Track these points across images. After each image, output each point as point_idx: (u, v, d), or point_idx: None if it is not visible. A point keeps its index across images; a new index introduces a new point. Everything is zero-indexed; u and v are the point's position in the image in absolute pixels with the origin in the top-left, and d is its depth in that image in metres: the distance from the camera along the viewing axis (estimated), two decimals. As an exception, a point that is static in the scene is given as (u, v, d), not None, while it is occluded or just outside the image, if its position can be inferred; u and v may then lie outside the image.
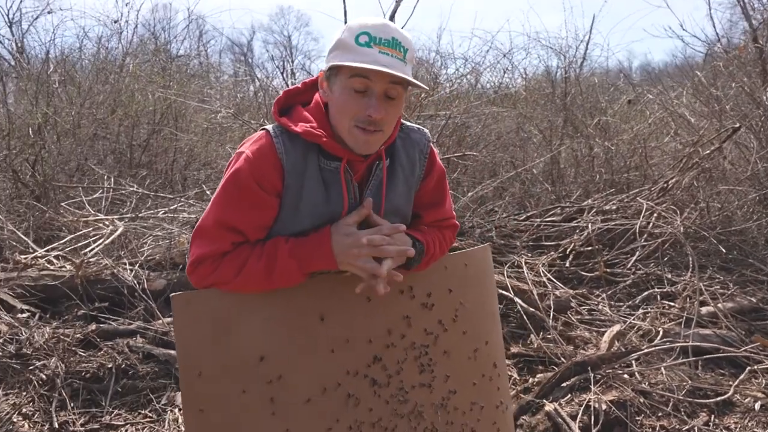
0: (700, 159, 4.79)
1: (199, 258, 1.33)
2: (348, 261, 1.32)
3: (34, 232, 4.70)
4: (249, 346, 1.34)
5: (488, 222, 4.74)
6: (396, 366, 1.47)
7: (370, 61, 1.22)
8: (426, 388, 1.51)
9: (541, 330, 3.49)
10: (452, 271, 1.58)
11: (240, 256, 1.33)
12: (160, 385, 2.96)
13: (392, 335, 1.47)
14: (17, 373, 2.85)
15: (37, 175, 5.80)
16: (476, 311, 1.61)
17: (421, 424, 1.50)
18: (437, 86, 5.94)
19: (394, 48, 1.25)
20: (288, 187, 1.33)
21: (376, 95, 1.26)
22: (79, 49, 8.47)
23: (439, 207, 1.55)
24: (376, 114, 1.26)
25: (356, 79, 1.25)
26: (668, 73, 9.42)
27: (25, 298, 3.44)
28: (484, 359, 1.62)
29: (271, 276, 1.31)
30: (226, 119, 5.89)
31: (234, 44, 18.47)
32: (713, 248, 4.39)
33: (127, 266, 3.70)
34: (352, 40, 1.24)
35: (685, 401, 2.90)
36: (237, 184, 1.31)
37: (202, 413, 1.32)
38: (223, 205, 1.33)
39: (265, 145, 1.32)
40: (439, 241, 1.51)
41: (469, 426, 1.57)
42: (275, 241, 1.34)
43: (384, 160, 1.39)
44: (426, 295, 1.52)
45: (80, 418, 2.71)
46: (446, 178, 1.56)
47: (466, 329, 1.58)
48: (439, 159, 1.54)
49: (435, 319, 1.53)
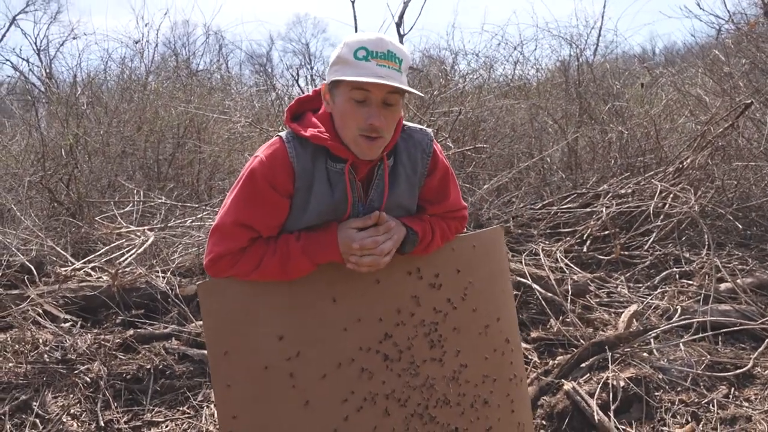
0: (714, 137, 4.78)
1: (219, 255, 1.46)
2: (347, 259, 1.47)
3: (71, 246, 4.93)
4: (268, 326, 1.48)
5: (505, 212, 4.82)
6: (407, 342, 1.58)
7: (368, 74, 1.34)
8: (437, 362, 1.61)
9: (561, 314, 3.55)
10: (460, 252, 1.68)
11: (257, 253, 1.46)
12: (195, 384, 3.12)
13: (402, 314, 1.58)
14: (64, 377, 3.04)
15: (71, 194, 6.07)
16: (486, 289, 1.70)
17: (433, 395, 1.60)
18: (449, 83, 6.02)
19: (390, 60, 1.37)
20: (298, 189, 1.45)
21: (375, 104, 1.38)
22: (104, 70, 8.81)
23: (444, 201, 1.66)
24: (377, 122, 1.38)
25: (356, 92, 1.37)
26: (693, 53, 9.27)
27: (67, 307, 3.63)
28: (495, 335, 1.71)
29: (286, 269, 1.47)
30: (245, 128, 6.07)
31: (251, 56, 18.77)
32: (731, 225, 4.39)
33: (160, 274, 3.89)
34: (351, 55, 1.36)
35: (705, 375, 2.93)
36: (252, 186, 1.44)
37: (229, 388, 1.45)
38: (240, 205, 1.45)
39: (278, 150, 1.44)
40: (441, 230, 1.63)
41: (482, 397, 1.67)
42: (287, 239, 1.48)
43: (386, 162, 1.51)
44: (434, 276, 1.63)
45: (123, 416, 2.88)
46: (451, 175, 1.68)
47: (476, 306, 1.68)
48: (443, 157, 1.65)
49: (444, 297, 1.64)
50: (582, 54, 7.01)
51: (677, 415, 2.68)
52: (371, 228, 1.48)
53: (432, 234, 1.60)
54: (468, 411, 1.64)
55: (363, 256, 1.46)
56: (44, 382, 3.00)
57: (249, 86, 9.42)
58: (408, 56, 1.44)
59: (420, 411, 1.58)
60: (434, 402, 1.60)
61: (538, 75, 7.63)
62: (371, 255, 1.46)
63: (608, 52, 7.78)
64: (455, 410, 1.62)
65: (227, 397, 1.45)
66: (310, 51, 26.49)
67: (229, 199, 1.49)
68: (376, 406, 1.54)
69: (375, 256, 1.47)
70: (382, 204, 1.52)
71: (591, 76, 6.65)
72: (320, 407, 1.50)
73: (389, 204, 1.53)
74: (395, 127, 1.48)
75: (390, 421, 1.55)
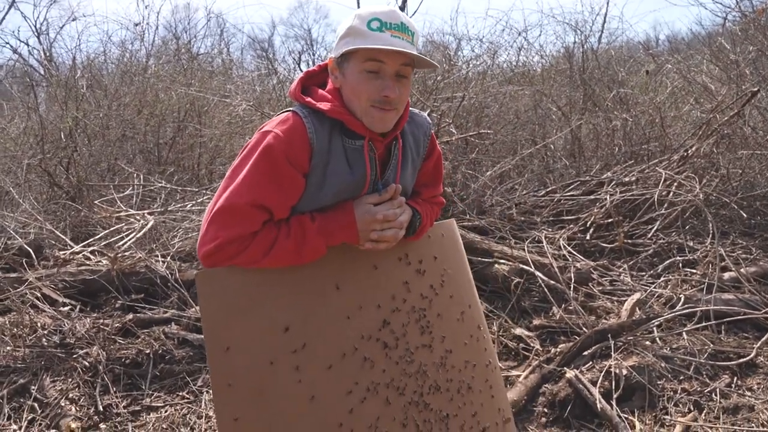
0: (719, 125, 4.73)
1: (228, 240, 1.32)
2: (367, 236, 1.43)
3: (71, 230, 4.91)
4: (273, 318, 1.39)
5: (508, 199, 4.78)
6: (402, 329, 1.55)
7: (384, 43, 1.30)
8: (427, 348, 1.59)
9: (563, 302, 3.53)
10: (434, 239, 1.68)
11: (268, 237, 1.36)
12: (195, 369, 3.11)
13: (396, 300, 1.55)
14: (62, 362, 3.02)
15: (71, 177, 6.03)
16: (457, 277, 1.71)
17: (426, 382, 1.58)
18: (452, 68, 5.96)
19: (404, 32, 1.33)
20: (314, 167, 1.37)
21: (389, 76, 1.34)
22: (104, 53, 8.72)
23: (436, 186, 1.67)
24: (392, 93, 1.33)
25: (370, 62, 1.33)
26: (699, 41, 9.16)
27: (66, 291, 3.62)
28: (469, 321, 1.71)
29: (301, 253, 1.38)
30: (246, 113, 6.02)
31: (254, 40, 18.64)
32: (735, 214, 4.36)
33: (159, 258, 3.86)
34: (364, 26, 1.31)
35: (707, 364, 2.92)
36: (270, 162, 1.33)
37: (230, 387, 1.34)
38: (255, 183, 1.33)
39: (297, 125, 1.35)
40: (430, 214, 1.63)
41: (466, 383, 1.65)
42: (300, 219, 1.39)
43: (400, 140, 1.48)
44: (418, 262, 1.62)
45: (122, 401, 2.87)
46: (442, 160, 1.69)
47: (452, 293, 1.68)
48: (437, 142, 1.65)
49: (427, 284, 1.63)
50: (587, 40, 6.94)
51: (679, 404, 2.67)
52: (387, 202, 1.44)
53: (427, 217, 1.59)
54: (456, 397, 1.63)
55: (384, 231, 1.43)
56: (42, 366, 2.99)
57: (250, 71, 9.35)
58: (419, 32, 1.40)
59: (416, 399, 1.56)
60: (427, 389, 1.58)
61: (543, 61, 7.57)
62: (392, 228, 1.44)
63: (613, 39, 7.70)
64: (445, 396, 1.61)
65: (228, 397, 1.34)
66: (312, 36, 26.35)
67: (233, 178, 1.36)
68: (378, 395, 1.51)
69: (395, 229, 1.44)
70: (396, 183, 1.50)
71: (596, 63, 6.59)
72: (326, 401, 1.43)
73: (401, 183, 1.52)
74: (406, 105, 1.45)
75: (390, 410, 1.52)
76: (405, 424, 1.54)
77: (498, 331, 3.34)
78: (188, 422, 2.74)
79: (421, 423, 1.56)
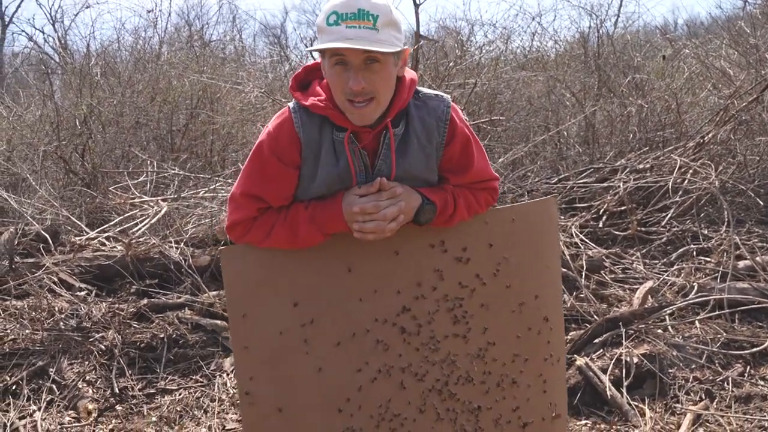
0: (737, 111, 4.66)
1: (235, 222, 1.50)
2: (351, 226, 1.44)
3: (86, 216, 4.97)
4: (284, 293, 1.50)
5: (521, 186, 4.76)
6: (427, 316, 1.54)
7: (337, 38, 1.28)
8: (460, 338, 1.57)
9: (575, 290, 3.52)
10: (494, 226, 1.59)
11: (267, 222, 1.48)
12: (208, 353, 3.16)
13: (422, 287, 1.54)
14: (79, 345, 3.08)
15: (86, 164, 6.09)
16: (525, 265, 1.62)
17: (455, 372, 1.57)
18: (465, 54, 5.91)
19: (361, 19, 1.29)
20: (305, 159, 1.44)
21: (355, 68, 1.32)
22: (118, 40, 8.78)
23: (467, 171, 1.55)
24: (355, 86, 1.32)
25: (334, 57, 1.33)
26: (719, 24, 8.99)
27: (82, 276, 3.67)
28: (531, 313, 1.63)
29: (295, 238, 1.47)
30: (258, 99, 6.03)
31: (266, 27, 18.61)
32: (752, 202, 4.30)
33: (173, 244, 3.90)
34: (324, 21, 1.32)
35: (720, 353, 2.91)
36: (259, 158, 1.46)
37: (246, 350, 1.49)
38: (247, 176, 1.48)
39: (285, 121, 1.44)
40: (467, 201, 1.55)
41: (510, 377, 1.62)
42: (296, 207, 1.48)
43: (391, 130, 1.45)
44: (461, 250, 1.56)
45: (138, 384, 2.92)
46: (475, 143, 1.57)
47: (510, 283, 1.60)
48: (465, 125, 1.54)
49: (472, 272, 1.57)
50: (602, 25, 6.86)
51: (691, 393, 2.67)
52: (373, 194, 1.44)
53: (454, 205, 1.52)
54: (493, 390, 1.60)
55: (366, 222, 1.42)
56: (60, 349, 3.05)
57: (263, 58, 9.35)
58: (387, 9, 1.33)
59: (439, 387, 1.56)
60: (455, 379, 1.57)
61: (557, 47, 7.49)
62: (374, 220, 1.42)
63: (629, 23, 7.61)
64: (479, 388, 1.59)
65: (245, 358, 1.50)
66: (324, 22, 26.19)
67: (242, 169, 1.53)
68: (392, 378, 1.53)
69: (378, 222, 1.41)
70: (391, 174, 1.46)
71: (611, 48, 6.50)
72: (333, 375, 1.52)
73: (400, 174, 1.47)
74: (400, 90, 1.42)
75: (405, 394, 1.54)
76: (422, 409, 1.56)
77: (509, 318, 3.34)
78: (201, 405, 2.78)
79: (443, 411, 1.57)
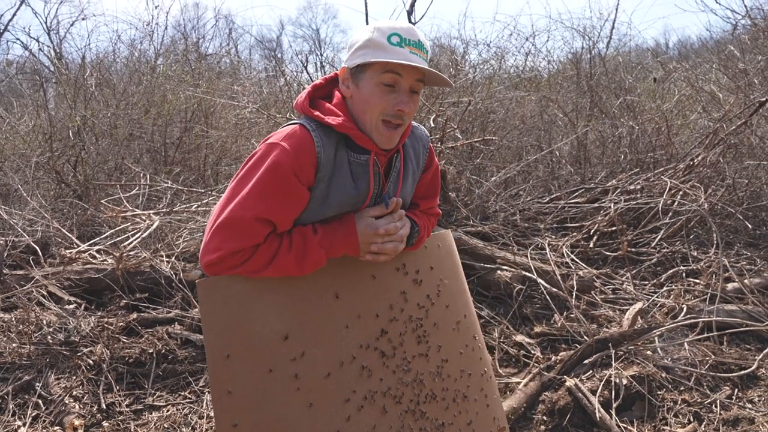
0: (726, 134, 4.72)
1: (231, 252, 1.33)
2: (367, 248, 1.46)
3: (77, 228, 4.95)
4: (273, 326, 1.40)
5: (512, 205, 4.79)
6: (399, 338, 1.57)
7: (404, 58, 1.33)
8: (424, 357, 1.61)
9: (565, 310, 3.54)
10: (431, 250, 1.71)
11: (270, 249, 1.37)
12: (197, 369, 3.13)
13: (393, 309, 1.58)
14: (67, 359, 3.05)
15: (78, 175, 6.08)
16: (452, 287, 1.74)
17: (423, 390, 1.59)
18: (459, 72, 5.97)
19: (420, 49, 1.38)
20: (319, 180, 1.39)
21: (403, 91, 1.37)
22: (113, 52, 8.78)
23: (433, 198, 1.70)
24: (406, 108, 1.37)
25: (388, 75, 1.35)
26: (708, 48, 9.13)
27: (71, 289, 3.65)
28: (465, 331, 1.73)
29: (302, 265, 1.40)
30: (253, 114, 6.05)
31: (261, 41, 18.70)
32: (741, 224, 4.34)
33: (164, 258, 3.89)
34: (384, 39, 1.34)
35: (708, 376, 2.92)
36: (278, 177, 1.33)
37: (230, 394, 1.36)
38: (262, 197, 1.33)
39: (305, 139, 1.36)
40: (428, 225, 1.67)
41: (461, 392, 1.68)
42: (303, 232, 1.40)
43: (401, 153, 1.52)
44: (415, 272, 1.65)
45: (125, 400, 2.89)
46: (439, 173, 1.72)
47: (448, 303, 1.70)
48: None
49: (424, 293, 1.65)
50: (595, 46, 6.95)
51: (679, 415, 2.67)
52: (388, 215, 1.47)
53: (424, 229, 1.63)
54: (451, 405, 1.65)
55: (385, 243, 1.46)
56: (47, 363, 3.02)
57: (258, 71, 9.38)
58: (429, 47, 1.45)
59: (412, 407, 1.57)
60: (423, 397, 1.60)
61: (550, 67, 7.58)
62: (392, 241, 1.47)
63: (621, 45, 7.69)
64: (441, 405, 1.62)
65: (228, 404, 1.36)
66: (320, 37, 26.40)
67: (239, 190, 1.36)
68: (375, 404, 1.52)
69: (396, 243, 1.47)
70: (396, 196, 1.53)
71: (603, 69, 6.58)
72: (324, 408, 1.45)
73: (401, 196, 1.55)
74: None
75: (387, 418, 1.53)
76: None
77: (499, 337, 3.34)
78: (189, 422, 2.76)
79: (417, 431, 1.57)
